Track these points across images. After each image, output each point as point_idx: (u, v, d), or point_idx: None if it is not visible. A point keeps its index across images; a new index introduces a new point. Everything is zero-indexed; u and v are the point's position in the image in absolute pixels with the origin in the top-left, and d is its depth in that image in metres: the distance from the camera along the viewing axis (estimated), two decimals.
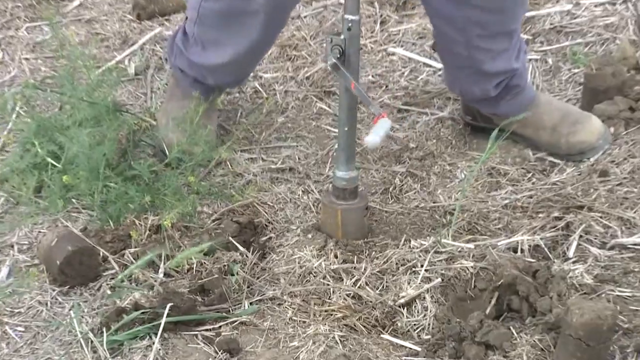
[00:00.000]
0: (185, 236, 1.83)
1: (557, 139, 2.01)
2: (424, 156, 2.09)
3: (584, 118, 2.02)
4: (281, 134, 2.19)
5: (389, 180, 2.03)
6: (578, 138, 1.99)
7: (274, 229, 1.88)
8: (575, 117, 2.02)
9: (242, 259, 1.78)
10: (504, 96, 2.01)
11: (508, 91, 2.00)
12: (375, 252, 1.77)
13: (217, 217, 1.89)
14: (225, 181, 2.00)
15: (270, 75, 2.38)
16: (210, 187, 1.97)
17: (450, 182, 2.02)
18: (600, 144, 1.99)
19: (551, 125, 2.02)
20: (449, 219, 1.89)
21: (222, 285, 1.69)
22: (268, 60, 2.41)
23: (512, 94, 2.01)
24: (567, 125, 2.00)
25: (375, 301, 1.67)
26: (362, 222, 1.80)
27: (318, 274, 1.72)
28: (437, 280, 1.69)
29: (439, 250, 1.76)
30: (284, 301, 1.69)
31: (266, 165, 2.08)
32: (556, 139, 2.01)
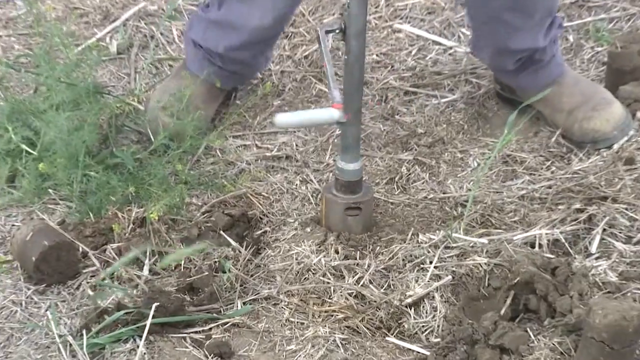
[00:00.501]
0: (173, 230, 1.83)
1: (571, 123, 2.00)
2: (433, 143, 2.09)
3: (605, 104, 2.00)
4: None
5: (394, 169, 2.02)
6: (592, 125, 1.98)
7: (269, 222, 1.88)
8: (596, 102, 2.00)
9: (234, 255, 1.77)
10: (523, 70, 2.00)
11: (527, 65, 1.99)
12: (379, 248, 1.77)
13: (207, 209, 1.89)
14: (216, 170, 2.00)
15: None
16: (199, 176, 1.97)
17: (462, 171, 2.02)
18: (615, 135, 1.97)
19: (569, 108, 2.01)
20: (460, 211, 1.88)
21: (212, 284, 1.69)
22: None
23: (532, 69, 2.00)
24: (585, 110, 1.99)
25: (380, 301, 1.66)
26: (366, 217, 1.80)
27: (317, 271, 1.72)
28: (447, 278, 1.69)
29: (450, 246, 1.75)
30: (280, 301, 1.69)
31: (261, 152, 2.08)
32: (570, 123, 2.00)
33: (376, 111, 2.21)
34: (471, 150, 2.07)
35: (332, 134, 2.15)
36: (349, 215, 1.77)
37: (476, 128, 2.15)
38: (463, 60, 2.29)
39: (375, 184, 1.99)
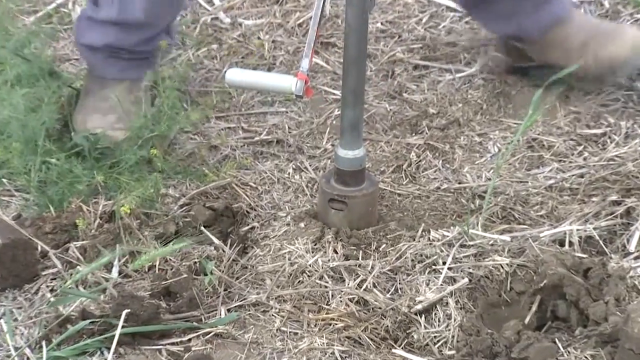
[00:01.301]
0: (146, 226, 1.83)
1: (585, 58, 2.00)
2: (447, 124, 2.09)
3: (618, 30, 2.01)
4: (266, 97, 2.19)
5: (402, 155, 2.02)
6: (608, 52, 1.98)
7: (257, 216, 1.88)
8: (608, 30, 2.01)
9: (217, 255, 1.77)
10: (523, 7, 2.00)
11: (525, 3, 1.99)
12: (385, 246, 1.77)
13: (186, 202, 1.89)
14: (196, 157, 2.00)
15: (252, 22, 2.37)
16: (177, 164, 1.97)
17: (480, 157, 2.02)
18: (636, 58, 1.97)
19: (579, 42, 2.01)
20: (478, 204, 1.88)
21: (192, 288, 1.68)
22: (250, 2, 2.39)
23: (534, 4, 1.99)
24: (597, 39, 1.99)
25: (386, 307, 1.66)
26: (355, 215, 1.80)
27: (313, 273, 1.72)
28: (463, 281, 1.69)
29: (466, 244, 1.75)
30: (271, 307, 1.68)
31: (248, 136, 2.08)
32: (585, 58, 2.00)
33: (381, 88, 2.21)
34: (491, 134, 2.07)
35: (330, 114, 2.14)
36: (332, 209, 1.77)
37: (497, 108, 2.15)
38: (482, 29, 2.29)
39: (380, 172, 1.99)
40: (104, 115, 1.98)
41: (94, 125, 1.97)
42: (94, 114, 2.00)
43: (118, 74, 2.01)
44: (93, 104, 2.02)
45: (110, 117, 1.98)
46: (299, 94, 1.65)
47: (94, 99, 2.02)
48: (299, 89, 1.65)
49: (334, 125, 2.10)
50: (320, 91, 2.21)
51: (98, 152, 1.93)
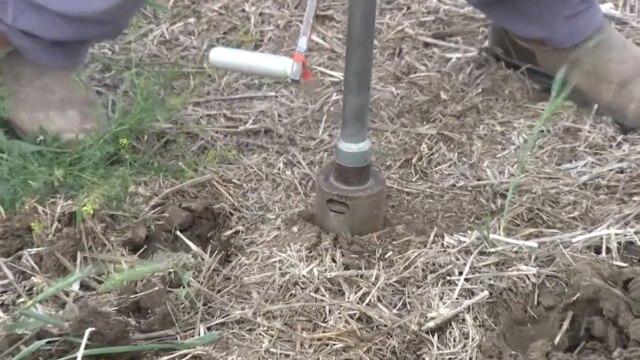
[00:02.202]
0: (112, 230, 1.83)
1: (624, 100, 2.00)
2: (464, 111, 2.10)
3: None
4: (253, 79, 2.20)
5: (411, 147, 2.03)
6: None
7: (242, 218, 1.88)
8: None
9: (195, 264, 1.77)
10: (560, 10, 1.97)
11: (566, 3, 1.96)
12: (392, 253, 1.77)
13: (159, 202, 1.89)
14: (171, 150, 2.01)
15: None
16: (148, 158, 1.97)
17: (503, 149, 2.02)
18: None
19: (619, 79, 2.00)
20: (500, 204, 1.89)
21: (165, 302, 1.68)
22: None
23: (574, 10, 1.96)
24: None
25: (392, 325, 1.66)
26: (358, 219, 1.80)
27: (308, 285, 1.72)
28: (482, 293, 1.69)
29: (486, 251, 1.75)
30: (258, 325, 1.68)
31: (231, 125, 2.09)
32: (623, 100, 2.00)
33: (386, 69, 2.20)
34: (515, 122, 2.07)
35: (326, 99, 2.15)
36: (331, 211, 1.77)
37: (522, 92, 2.16)
38: None
39: (386, 167, 1.99)
40: (61, 112, 1.97)
41: (56, 126, 1.97)
42: (47, 110, 1.98)
43: (62, 62, 2.00)
44: (36, 97, 2.00)
45: (71, 113, 1.97)
46: (295, 78, 1.63)
47: (33, 89, 2.00)
48: (295, 72, 1.63)
49: (331, 113, 2.11)
50: (316, 72, 2.21)
51: (56, 146, 1.93)
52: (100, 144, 1.91)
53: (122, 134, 1.94)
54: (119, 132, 1.94)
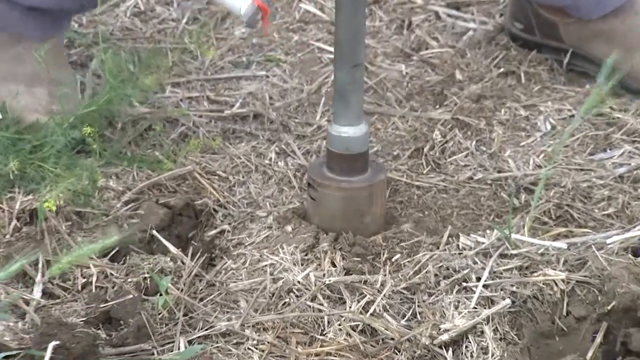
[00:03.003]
0: (79, 229, 1.83)
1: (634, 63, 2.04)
2: (483, 94, 2.11)
3: None
4: (240, 56, 2.21)
5: (423, 135, 2.03)
6: None
7: (228, 216, 1.88)
8: None
9: (174, 268, 1.77)
10: None
11: None
12: (400, 256, 1.77)
13: (133, 197, 1.89)
14: (147, 137, 2.01)
15: None
16: (120, 146, 1.97)
17: (527, 137, 2.03)
18: None
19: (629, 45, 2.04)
20: (524, 200, 1.89)
21: (140, 312, 1.68)
22: None
23: None
24: None
25: (400, 338, 1.66)
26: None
27: (304, 292, 1.72)
28: (504, 302, 1.69)
29: (508, 253, 1.75)
30: (246, 338, 1.68)
31: (215, 109, 2.09)
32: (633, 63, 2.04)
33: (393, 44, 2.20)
34: (541, 105, 2.08)
35: (325, 79, 2.15)
36: (309, 196, 1.78)
37: (549, 71, 2.17)
38: None
39: (393, 157, 1.99)
40: (29, 88, 1.97)
41: (21, 105, 1.97)
42: (15, 84, 1.99)
43: (38, 31, 2.00)
44: (5, 67, 2.01)
45: (39, 91, 1.97)
46: (246, 20, 1.61)
47: (4, 58, 2.01)
48: (246, 13, 1.61)
49: (330, 94, 2.10)
50: (313, 49, 2.22)
51: (14, 131, 1.92)
52: (64, 129, 1.90)
53: (89, 119, 1.93)
54: (86, 115, 1.93)
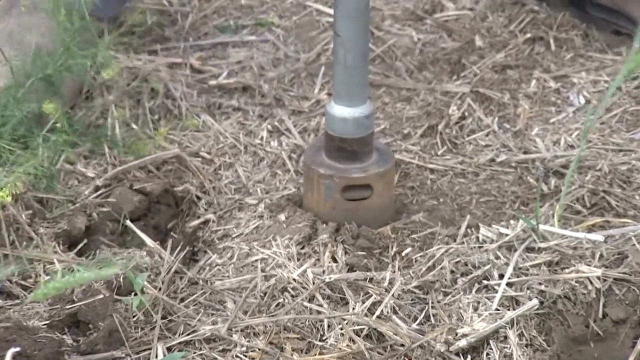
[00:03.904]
0: (42, 219, 1.83)
1: None
2: (506, 63, 2.12)
3: None
4: (227, 20, 2.22)
5: (437, 110, 2.04)
6: None
7: (213, 204, 1.89)
8: None
9: (151, 264, 1.77)
10: None
11: None
12: (411, 250, 1.78)
13: (104, 183, 1.90)
14: (119, 112, 2.01)
15: None
16: (88, 123, 1.98)
17: (558, 112, 2.03)
18: None
19: None
20: (554, 185, 1.89)
21: (112, 315, 1.68)
22: None
23: None
24: None
25: (411, 344, 1.66)
26: None
27: (300, 292, 1.72)
28: (530, 303, 1.69)
29: (535, 246, 1.75)
30: (234, 344, 1.68)
31: (199, 79, 2.10)
32: None
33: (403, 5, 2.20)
34: (574, 76, 2.08)
35: (325, 46, 2.16)
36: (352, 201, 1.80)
37: (582, 36, 2.17)
38: None
39: (403, 136, 1.99)
40: None
41: None
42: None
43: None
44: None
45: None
46: None
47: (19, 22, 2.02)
48: None
49: (330, 64, 2.10)
50: (310, 11, 2.23)
51: None
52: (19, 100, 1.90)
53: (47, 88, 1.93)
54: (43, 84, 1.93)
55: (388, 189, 1.82)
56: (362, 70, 1.75)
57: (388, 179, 1.81)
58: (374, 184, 1.80)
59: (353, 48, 1.72)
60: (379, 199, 1.81)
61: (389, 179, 1.82)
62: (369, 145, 1.80)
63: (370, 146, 1.80)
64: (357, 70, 1.74)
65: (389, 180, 1.82)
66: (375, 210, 1.81)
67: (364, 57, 1.74)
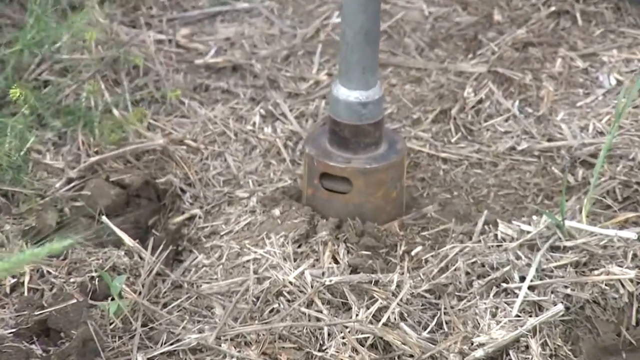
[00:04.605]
0: (7, 214, 1.84)
1: None
2: (529, 40, 2.12)
3: None
4: None
5: (451, 92, 2.04)
6: None
7: (199, 198, 1.89)
8: None
9: (130, 264, 1.77)
10: None
11: None
12: (421, 249, 1.78)
13: (78, 175, 1.90)
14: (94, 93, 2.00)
15: None
16: (57, 105, 1.98)
17: (586, 94, 2.04)
18: None
19: None
20: (582, 177, 1.90)
21: (87, 322, 1.68)
22: None
23: None
24: None
25: (422, 355, 1.66)
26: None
27: (297, 295, 1.72)
28: (555, 309, 1.69)
29: (561, 245, 1.76)
30: (223, 355, 1.68)
31: (184, 58, 2.11)
32: None
33: None
34: (604, 54, 2.09)
35: (324, 20, 2.17)
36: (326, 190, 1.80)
37: (615, 9, 2.18)
38: None
39: (412, 122, 2.00)
40: None
41: None
42: None
43: None
44: None
45: None
46: None
47: None
48: None
49: (330, 41, 2.11)
50: None
51: None
52: None
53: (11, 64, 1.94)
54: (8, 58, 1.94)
55: (375, 191, 1.82)
56: (362, 50, 1.75)
57: (373, 179, 1.81)
58: (354, 179, 1.80)
59: (352, 22, 1.73)
60: (359, 198, 1.82)
61: (376, 181, 1.82)
62: (366, 136, 1.80)
63: (369, 137, 1.80)
64: (356, 49, 1.75)
65: (376, 181, 1.82)
66: (353, 210, 1.82)
67: (366, 35, 1.74)
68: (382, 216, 1.82)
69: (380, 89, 1.78)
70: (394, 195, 1.83)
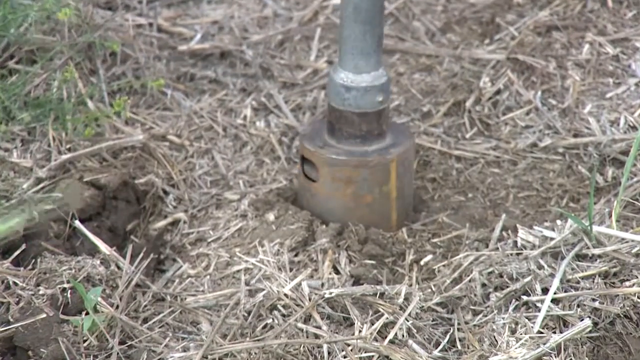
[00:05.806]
0: None
1: None
2: (552, 23, 2.12)
3: None
4: None
5: (465, 82, 2.04)
6: None
7: (184, 200, 1.89)
8: None
9: (106, 275, 1.77)
10: None
11: None
12: (432, 257, 1.79)
13: (48, 174, 1.89)
14: (68, 84, 2.00)
15: None
16: (27, 95, 1.97)
17: (617, 85, 2.04)
18: None
19: None
20: (612, 176, 1.90)
21: (58, 338, 1.68)
22: None
23: None
24: None
25: None
26: None
27: (293, 310, 1.72)
28: (582, 324, 1.68)
29: (588, 253, 1.75)
30: None
31: (167, 44, 2.11)
32: None
33: None
34: (637, 40, 2.09)
35: (323, 2, 2.17)
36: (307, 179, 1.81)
37: None
38: None
39: (422, 115, 2.00)
40: None
41: None
42: None
43: None
44: None
45: None
46: None
47: None
48: None
49: (329, 25, 2.11)
50: None
51: None
52: None
53: None
54: None
55: (342, 187, 1.82)
56: (350, 28, 1.75)
57: (340, 174, 1.82)
58: (320, 167, 1.81)
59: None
60: (325, 190, 1.82)
61: (344, 176, 1.82)
62: (349, 126, 1.80)
63: (352, 128, 1.80)
64: (344, 25, 1.75)
65: (344, 177, 1.82)
66: (321, 202, 1.83)
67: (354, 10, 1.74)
68: (351, 221, 1.82)
69: (375, 79, 1.78)
70: (369, 201, 1.82)
